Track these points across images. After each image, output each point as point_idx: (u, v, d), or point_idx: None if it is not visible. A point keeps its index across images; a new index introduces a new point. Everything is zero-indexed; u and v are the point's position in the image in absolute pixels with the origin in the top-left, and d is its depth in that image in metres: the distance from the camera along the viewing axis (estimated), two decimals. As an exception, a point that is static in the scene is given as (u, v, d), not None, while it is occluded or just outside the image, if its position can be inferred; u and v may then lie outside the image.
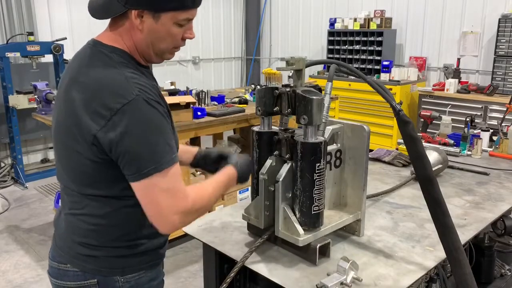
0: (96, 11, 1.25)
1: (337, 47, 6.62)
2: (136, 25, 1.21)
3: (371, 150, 1.92)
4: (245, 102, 4.28)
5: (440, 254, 1.51)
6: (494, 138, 2.89)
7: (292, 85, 1.47)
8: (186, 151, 1.65)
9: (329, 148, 1.53)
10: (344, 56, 6.54)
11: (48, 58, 5.25)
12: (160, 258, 1.41)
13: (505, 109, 3.33)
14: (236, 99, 4.34)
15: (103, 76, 1.17)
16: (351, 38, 6.43)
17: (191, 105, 3.60)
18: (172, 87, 4.57)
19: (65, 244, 1.32)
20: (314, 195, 1.39)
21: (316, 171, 1.37)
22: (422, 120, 3.31)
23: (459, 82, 5.65)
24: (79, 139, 1.18)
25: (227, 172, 1.46)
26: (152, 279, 1.38)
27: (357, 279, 1.31)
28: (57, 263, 1.33)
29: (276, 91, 1.48)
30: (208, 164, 1.63)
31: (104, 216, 1.26)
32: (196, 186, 1.32)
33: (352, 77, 5.67)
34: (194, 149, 1.66)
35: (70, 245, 1.30)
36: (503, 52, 5.28)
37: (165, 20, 1.20)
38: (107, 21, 1.30)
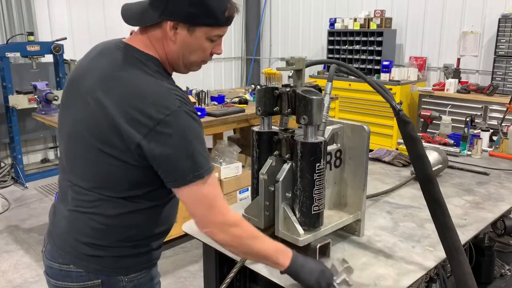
0: (131, 18, 1.26)
1: (337, 47, 6.62)
2: (169, 36, 1.22)
3: (371, 150, 1.92)
4: (245, 102, 4.28)
5: (440, 254, 1.51)
6: (494, 138, 2.89)
7: (292, 85, 1.47)
8: None
9: (329, 148, 1.53)
10: (344, 56, 6.54)
11: (48, 58, 5.25)
12: (158, 258, 1.42)
13: (505, 109, 3.33)
14: (236, 99, 4.34)
15: (144, 84, 1.18)
16: (351, 38, 6.43)
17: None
18: (172, 87, 4.56)
19: (67, 244, 1.29)
20: (314, 195, 1.39)
21: (316, 171, 1.37)
22: (422, 120, 3.31)
23: (459, 82, 5.65)
24: (116, 143, 1.18)
25: (283, 250, 1.31)
26: (151, 278, 1.39)
27: (347, 283, 1.32)
28: (58, 264, 1.31)
29: (276, 91, 1.48)
30: None
31: (116, 216, 1.26)
32: (250, 224, 1.30)
33: (352, 77, 5.67)
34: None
35: (73, 245, 1.28)
36: (503, 52, 5.27)
37: (199, 34, 1.23)
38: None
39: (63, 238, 1.31)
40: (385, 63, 6.04)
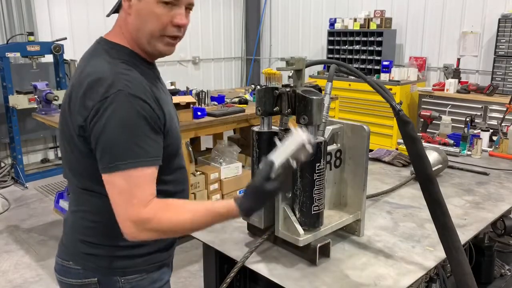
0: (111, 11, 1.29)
1: (337, 47, 6.62)
2: (125, 9, 1.22)
3: (371, 150, 1.92)
4: (245, 102, 4.28)
5: (440, 254, 1.51)
6: (494, 138, 2.89)
7: (292, 85, 1.47)
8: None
9: (329, 148, 1.53)
10: (344, 56, 6.54)
11: (48, 58, 5.25)
12: (165, 259, 1.38)
13: (505, 109, 3.33)
14: (236, 99, 4.34)
15: (94, 71, 1.18)
16: (351, 38, 6.43)
17: (191, 105, 3.60)
18: (172, 87, 4.57)
19: (69, 242, 1.33)
20: (314, 195, 1.39)
21: (316, 171, 1.37)
22: (422, 120, 3.31)
23: (459, 82, 5.65)
24: (72, 132, 1.19)
25: (225, 205, 1.22)
26: (153, 281, 1.35)
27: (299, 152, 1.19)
28: (61, 259, 1.34)
29: (276, 91, 1.48)
30: None
31: (102, 213, 1.23)
32: (168, 203, 1.18)
33: (352, 77, 5.66)
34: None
35: (73, 243, 1.31)
36: (503, 52, 5.27)
37: None
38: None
39: (68, 235, 1.35)
40: (385, 63, 6.04)
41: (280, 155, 1.20)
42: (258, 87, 3.85)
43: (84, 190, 1.27)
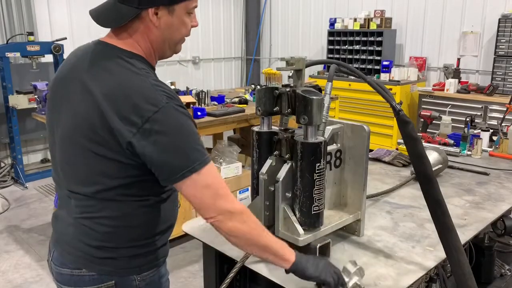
0: (105, 21, 1.24)
1: (337, 47, 6.62)
2: (153, 22, 1.22)
3: (371, 150, 1.92)
4: (245, 102, 4.28)
5: (440, 254, 1.51)
6: (494, 138, 2.89)
7: (292, 85, 1.47)
8: None
9: (329, 148, 1.53)
10: (344, 56, 6.54)
11: (48, 58, 5.25)
12: (166, 255, 1.42)
13: (505, 109, 3.33)
14: (236, 99, 4.34)
15: (130, 83, 1.17)
16: (351, 38, 6.43)
17: (191, 105, 3.60)
18: (172, 87, 4.57)
19: (78, 249, 1.29)
20: (314, 195, 1.39)
21: (316, 171, 1.37)
22: (422, 120, 3.31)
23: (459, 82, 5.65)
24: (109, 143, 1.17)
25: (286, 247, 1.30)
26: (162, 276, 1.40)
27: (359, 286, 1.30)
28: (69, 269, 1.30)
29: (276, 91, 1.48)
30: None
31: (122, 217, 1.26)
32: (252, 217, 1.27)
33: (352, 77, 5.67)
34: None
35: (84, 250, 1.28)
36: (503, 52, 5.28)
37: (179, 11, 1.24)
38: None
39: (73, 243, 1.29)
40: (385, 63, 6.04)
41: None
42: (258, 87, 3.85)
43: (101, 198, 1.24)
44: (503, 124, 3.02)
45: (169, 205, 1.35)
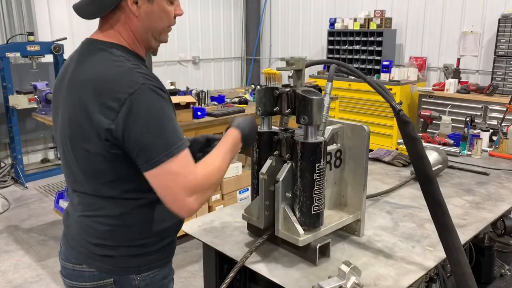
0: (86, 12, 1.25)
1: (337, 47, 6.62)
2: (133, 12, 1.22)
3: (371, 150, 1.92)
4: (245, 102, 4.28)
5: (440, 254, 1.51)
6: (494, 138, 2.89)
7: (292, 85, 1.47)
8: None
9: (329, 148, 1.53)
10: (344, 56, 6.54)
11: (48, 58, 5.25)
12: (171, 255, 1.42)
13: (505, 109, 3.33)
14: (236, 99, 4.34)
15: (107, 70, 1.18)
16: (351, 38, 6.43)
17: (191, 105, 3.60)
18: (172, 87, 4.57)
19: (79, 245, 1.31)
20: (314, 195, 1.39)
21: (316, 171, 1.37)
22: (422, 120, 3.31)
23: (459, 82, 5.65)
24: (91, 137, 1.18)
25: (230, 135, 1.38)
26: (164, 276, 1.39)
27: (358, 285, 1.30)
28: (71, 264, 1.33)
29: (276, 91, 1.48)
30: (195, 151, 1.56)
31: (119, 216, 1.27)
32: (203, 161, 1.28)
33: (352, 77, 5.67)
34: None
35: (85, 246, 1.30)
36: (503, 52, 5.28)
37: (159, 0, 1.24)
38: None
39: (76, 239, 1.33)
40: (385, 63, 6.04)
41: None
42: (258, 87, 3.85)
43: (98, 196, 1.26)
44: (503, 124, 3.02)
45: None
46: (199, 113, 3.62)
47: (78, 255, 1.32)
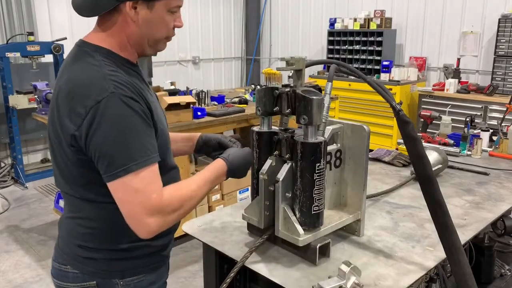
0: (83, 8, 1.22)
1: (337, 47, 6.62)
2: (131, 17, 1.20)
3: (371, 150, 1.92)
4: (245, 102, 4.28)
5: (440, 254, 1.51)
6: (494, 138, 2.89)
7: (292, 85, 1.47)
8: (189, 138, 1.64)
9: (329, 148, 1.53)
10: (344, 56, 6.54)
11: (48, 58, 5.26)
12: (162, 261, 1.40)
13: (505, 109, 3.33)
14: (236, 99, 4.34)
15: (81, 75, 1.16)
16: (351, 38, 6.43)
17: (191, 105, 3.60)
18: (172, 87, 4.57)
19: (66, 246, 1.33)
20: (314, 195, 1.39)
21: (316, 171, 1.37)
22: (422, 120, 3.31)
23: (459, 82, 5.65)
24: (62, 141, 1.18)
25: (215, 166, 1.38)
26: (152, 282, 1.37)
27: (358, 285, 1.30)
28: (58, 263, 1.34)
29: (276, 91, 1.48)
30: (209, 151, 1.61)
31: (98, 219, 1.26)
32: (175, 184, 1.25)
33: (352, 77, 5.67)
34: (196, 136, 1.64)
35: (70, 247, 1.31)
36: (503, 52, 5.28)
37: (158, 8, 1.21)
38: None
39: (64, 240, 1.34)
40: (385, 63, 6.04)
41: None
42: (258, 87, 3.85)
43: (78, 198, 1.26)
44: (503, 124, 3.01)
45: None
46: (199, 113, 3.62)
47: (64, 256, 1.32)
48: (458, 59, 5.71)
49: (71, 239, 1.30)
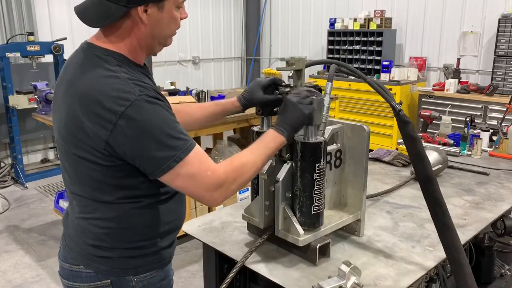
0: (93, 21, 1.21)
1: (337, 47, 6.62)
2: (143, 20, 1.20)
3: (371, 150, 1.92)
4: (245, 102, 4.27)
5: (440, 254, 1.51)
6: (494, 138, 2.89)
7: (292, 85, 1.47)
8: (217, 103, 1.65)
9: (329, 148, 1.53)
10: (344, 56, 6.54)
11: (48, 58, 5.26)
12: (170, 257, 1.42)
13: (505, 109, 3.33)
14: (236, 99, 4.33)
15: (102, 81, 1.16)
16: (351, 38, 6.43)
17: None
18: (172, 87, 4.58)
19: (77, 246, 1.31)
20: (314, 195, 1.39)
21: (316, 171, 1.37)
22: (422, 120, 3.31)
23: (459, 82, 5.65)
24: (87, 146, 1.17)
25: (268, 133, 1.33)
26: (162, 278, 1.39)
27: (358, 285, 1.30)
28: (69, 264, 1.33)
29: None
30: (257, 99, 1.51)
31: (115, 219, 1.26)
32: (229, 158, 1.28)
33: (352, 77, 5.67)
34: (230, 100, 1.60)
35: (82, 247, 1.30)
36: (503, 52, 5.28)
37: (168, 6, 1.22)
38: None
39: (74, 240, 1.33)
40: (385, 63, 6.04)
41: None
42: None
43: (93, 200, 1.26)
44: (503, 124, 3.02)
45: (170, 206, 1.35)
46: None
47: (76, 256, 1.32)
48: (458, 59, 5.71)
49: (85, 239, 1.29)
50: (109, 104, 1.12)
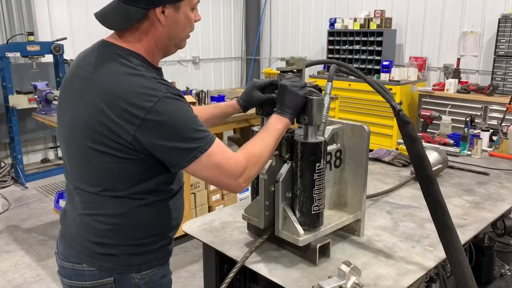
0: (114, 24, 1.25)
1: (337, 47, 6.62)
2: (160, 21, 1.24)
3: (371, 150, 1.92)
4: (245, 102, 4.27)
5: (440, 254, 1.51)
6: (494, 138, 2.89)
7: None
8: (216, 105, 1.77)
9: (329, 148, 1.53)
10: (344, 56, 6.54)
11: (48, 58, 5.25)
12: (169, 254, 1.43)
13: (505, 109, 3.33)
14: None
15: (129, 78, 1.18)
16: (351, 38, 6.43)
17: (191, 105, 3.59)
18: (172, 87, 4.56)
19: (80, 244, 1.31)
20: (314, 195, 1.39)
21: (316, 171, 1.37)
22: (422, 120, 3.31)
23: (459, 82, 5.65)
24: (107, 140, 1.18)
25: (279, 123, 1.36)
26: (163, 275, 1.40)
27: (358, 285, 1.30)
28: (71, 263, 1.33)
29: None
30: (255, 100, 1.54)
31: (120, 215, 1.27)
32: (244, 146, 1.34)
33: (352, 77, 5.67)
34: (229, 102, 1.69)
35: (85, 245, 1.30)
36: (503, 52, 5.28)
37: (184, 7, 1.26)
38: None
39: (76, 238, 1.33)
40: (385, 63, 6.04)
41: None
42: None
43: (103, 194, 1.26)
44: (503, 124, 3.02)
45: (172, 204, 1.36)
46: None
47: (78, 254, 1.32)
48: (458, 59, 5.71)
49: (88, 236, 1.29)
50: (137, 101, 1.15)
